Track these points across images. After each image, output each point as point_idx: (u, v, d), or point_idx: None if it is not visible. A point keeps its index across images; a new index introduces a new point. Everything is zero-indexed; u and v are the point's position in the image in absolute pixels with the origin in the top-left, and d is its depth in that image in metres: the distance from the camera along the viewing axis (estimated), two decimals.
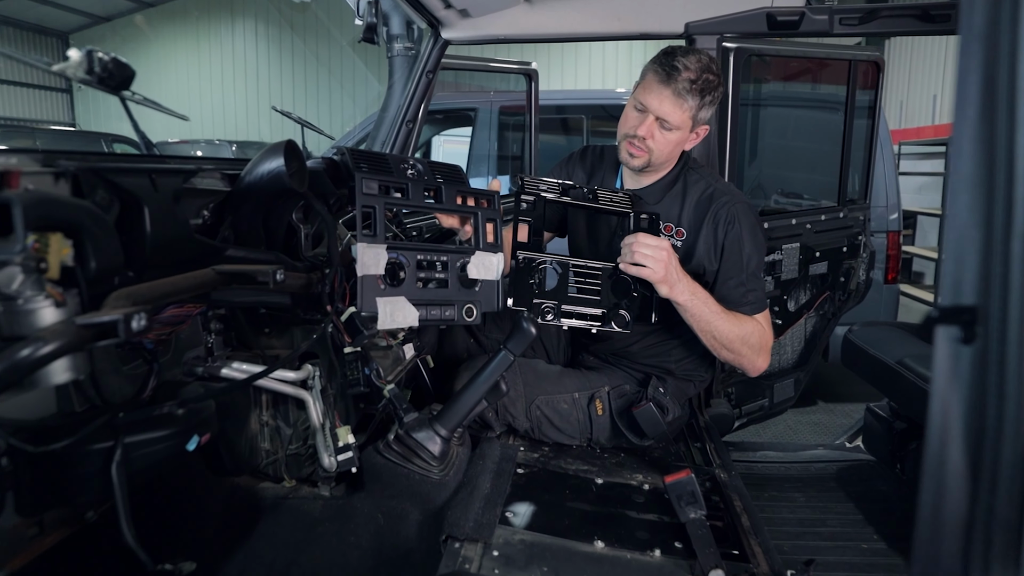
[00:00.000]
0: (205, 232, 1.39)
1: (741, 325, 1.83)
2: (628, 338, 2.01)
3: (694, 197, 1.94)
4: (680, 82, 1.77)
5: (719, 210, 1.88)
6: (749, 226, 1.89)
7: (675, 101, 1.79)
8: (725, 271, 1.89)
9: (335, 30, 16.05)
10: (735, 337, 1.82)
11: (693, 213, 1.93)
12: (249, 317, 1.55)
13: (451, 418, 1.63)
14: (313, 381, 1.54)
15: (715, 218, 1.89)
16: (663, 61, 1.80)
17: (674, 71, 1.77)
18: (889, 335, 2.31)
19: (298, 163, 1.39)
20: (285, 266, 1.41)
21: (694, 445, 2.14)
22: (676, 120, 1.81)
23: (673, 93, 1.78)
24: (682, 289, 1.74)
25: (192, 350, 1.41)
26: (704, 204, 1.92)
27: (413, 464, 1.60)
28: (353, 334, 1.43)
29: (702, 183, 1.96)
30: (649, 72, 1.83)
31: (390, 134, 2.50)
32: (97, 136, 11.15)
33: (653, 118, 1.82)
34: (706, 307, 1.78)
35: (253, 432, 1.56)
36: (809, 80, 5.09)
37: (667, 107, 1.80)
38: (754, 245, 1.90)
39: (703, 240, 1.90)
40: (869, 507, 2.18)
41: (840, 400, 4.98)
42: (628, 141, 1.88)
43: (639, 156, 1.88)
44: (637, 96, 1.85)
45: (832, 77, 4.99)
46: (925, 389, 1.93)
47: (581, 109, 5.52)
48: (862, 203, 3.07)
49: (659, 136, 1.84)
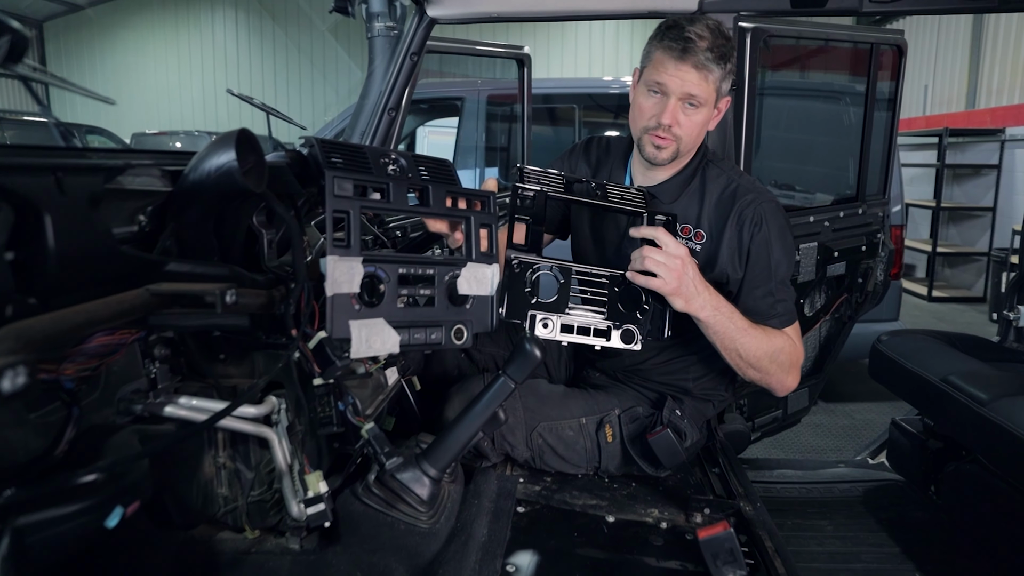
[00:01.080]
0: (142, 242, 1.14)
1: (770, 341, 1.61)
2: (640, 354, 1.78)
3: (714, 194, 1.72)
4: (699, 52, 1.57)
5: (744, 210, 1.66)
6: (778, 228, 1.67)
7: (698, 75, 1.59)
8: (751, 279, 1.67)
9: (316, 17, 15.67)
10: (763, 355, 1.60)
11: (714, 212, 1.70)
12: (201, 341, 1.30)
13: (442, 456, 1.39)
14: (278, 416, 1.30)
15: (740, 219, 1.66)
16: (673, 35, 1.59)
17: (689, 42, 1.56)
18: (925, 346, 2.10)
19: (254, 157, 1.15)
20: (240, 282, 1.17)
21: (712, 471, 1.92)
22: (703, 95, 1.61)
23: (694, 66, 1.58)
24: (702, 303, 1.51)
25: (128, 384, 1.16)
26: (727, 202, 1.69)
27: (398, 510, 1.36)
28: (323, 364, 1.19)
29: (723, 178, 1.73)
30: (657, 50, 1.62)
31: (370, 124, 2.25)
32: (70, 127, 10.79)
33: (675, 100, 1.61)
34: (731, 322, 1.55)
35: (207, 477, 1.32)
36: (798, 68, 4.90)
37: (691, 83, 1.59)
38: (783, 250, 1.68)
39: (726, 244, 1.67)
40: (905, 537, 1.97)
41: (839, 400, 4.82)
42: (652, 133, 1.65)
43: (667, 146, 1.66)
44: (651, 79, 1.63)
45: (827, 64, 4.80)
46: (976, 411, 1.72)
47: (573, 98, 5.28)
48: (880, 198, 2.85)
49: (685, 119, 1.63)
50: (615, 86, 5.50)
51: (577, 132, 5.29)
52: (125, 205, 1.07)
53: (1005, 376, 1.87)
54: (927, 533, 1.99)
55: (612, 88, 5.52)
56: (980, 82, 8.97)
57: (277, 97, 15.95)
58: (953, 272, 8.70)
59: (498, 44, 3.38)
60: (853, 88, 4.46)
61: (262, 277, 1.27)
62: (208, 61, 16.66)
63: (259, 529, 1.37)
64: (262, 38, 16.34)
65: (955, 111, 9.45)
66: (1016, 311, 2.30)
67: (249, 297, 1.15)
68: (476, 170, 5.36)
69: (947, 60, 9.71)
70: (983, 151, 8.17)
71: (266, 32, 16.32)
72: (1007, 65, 8.40)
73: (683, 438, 1.70)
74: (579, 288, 1.53)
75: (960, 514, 2.03)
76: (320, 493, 1.23)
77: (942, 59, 9.81)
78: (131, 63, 16.63)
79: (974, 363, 1.97)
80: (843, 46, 3.22)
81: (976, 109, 8.92)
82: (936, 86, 10.01)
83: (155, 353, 1.22)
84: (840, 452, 4.03)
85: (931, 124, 9.45)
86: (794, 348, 1.67)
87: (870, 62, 2.56)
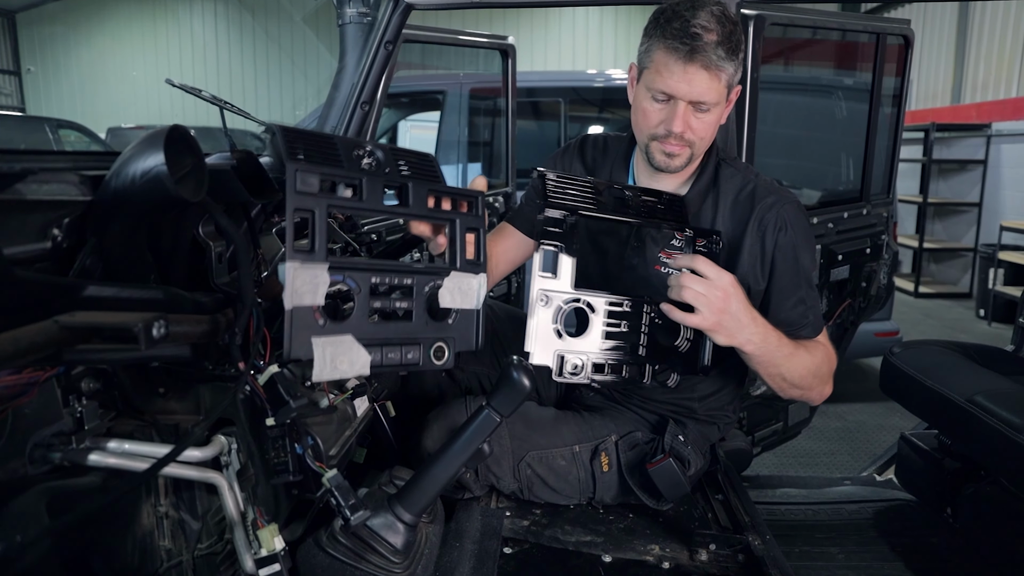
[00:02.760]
0: (58, 260, 0.96)
1: (812, 357, 1.47)
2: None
3: (730, 196, 1.56)
4: (709, 51, 1.37)
5: (765, 214, 1.50)
6: (803, 231, 1.52)
7: (709, 76, 1.39)
8: (780, 289, 1.51)
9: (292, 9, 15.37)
10: (808, 373, 1.46)
11: (731, 216, 1.55)
12: (137, 373, 1.12)
13: (418, 499, 1.22)
14: (228, 458, 1.12)
15: (761, 224, 1.50)
16: (677, 33, 1.38)
17: (696, 40, 1.36)
18: (943, 361, 1.95)
19: (191, 160, 0.97)
20: (177, 307, 0.99)
21: (715, 497, 1.76)
22: (715, 97, 1.42)
23: (704, 67, 1.38)
24: (748, 336, 1.35)
25: (44, 429, 0.98)
26: (744, 205, 1.53)
27: (368, 562, 1.19)
28: (276, 405, 1.01)
29: (738, 178, 1.58)
30: (659, 51, 1.42)
31: (342, 118, 2.07)
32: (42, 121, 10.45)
33: (685, 105, 1.43)
34: (779, 350, 1.40)
35: (146, 529, 1.14)
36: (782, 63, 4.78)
37: (701, 87, 1.40)
38: (810, 254, 1.54)
39: (747, 251, 1.51)
40: (922, 565, 1.83)
41: (830, 401, 4.69)
42: (661, 141, 1.48)
43: (680, 154, 1.49)
44: (655, 85, 1.44)
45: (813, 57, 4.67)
46: (1008, 436, 1.57)
47: (557, 92, 5.12)
48: (884, 197, 2.71)
49: (697, 123, 1.45)
50: (599, 79, 5.37)
51: (563, 126, 5.13)
52: (28, 218, 0.88)
53: None
54: (946, 562, 1.85)
55: (596, 82, 5.38)
56: (966, 77, 8.91)
57: (257, 90, 15.66)
58: (939, 268, 8.66)
59: (481, 34, 3.21)
60: (842, 82, 4.35)
61: (208, 298, 1.09)
62: (187, 53, 16.29)
63: None
64: (241, 30, 16.00)
65: (941, 106, 9.40)
66: None
67: (187, 325, 0.97)
68: (459, 165, 5.20)
69: (933, 54, 9.65)
70: (969, 146, 8.12)
71: (245, 24, 15.98)
72: (992, 60, 8.33)
73: (687, 467, 1.54)
74: (607, 320, 1.36)
75: (980, 539, 1.89)
76: (275, 551, 1.06)
77: (928, 53, 9.75)
78: (107, 55, 16.24)
79: (998, 380, 1.83)
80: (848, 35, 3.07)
81: (962, 104, 8.87)
82: (922, 80, 9.95)
83: (82, 388, 1.04)
84: (834, 456, 3.92)
85: (917, 119, 9.39)
86: (829, 356, 1.54)
87: (876, 53, 2.41)
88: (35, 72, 16.76)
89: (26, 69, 16.83)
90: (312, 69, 15.34)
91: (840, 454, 3.97)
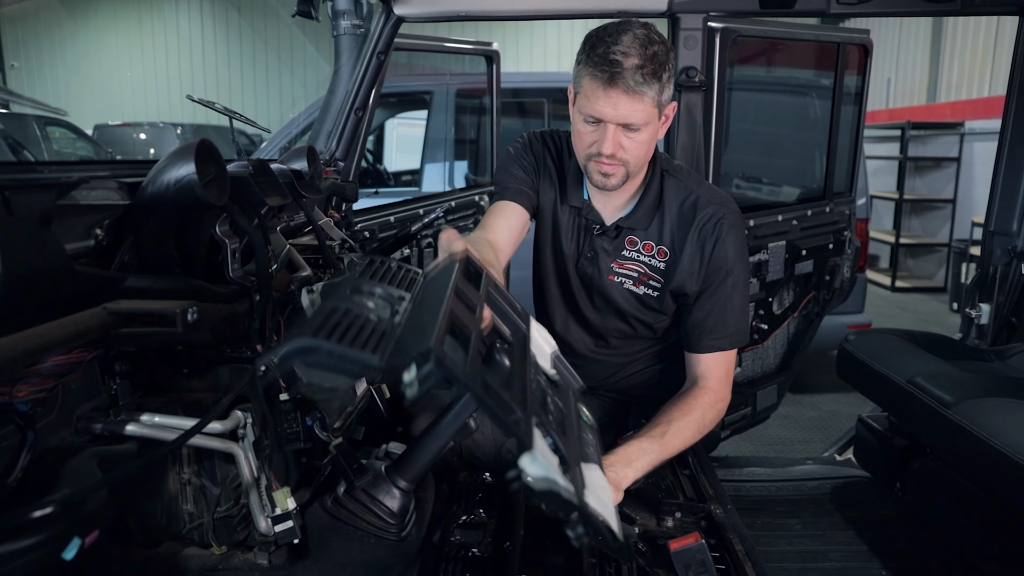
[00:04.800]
0: (99, 256, 1.10)
1: (694, 421, 1.58)
2: (610, 366, 1.78)
3: (674, 207, 1.67)
4: (627, 75, 1.42)
5: (705, 224, 1.63)
6: (737, 240, 1.64)
7: (631, 99, 1.44)
8: (708, 296, 1.65)
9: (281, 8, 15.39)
10: (694, 436, 1.59)
11: (675, 227, 1.66)
12: (164, 356, 1.26)
13: (411, 467, 1.37)
14: (244, 431, 1.27)
15: (701, 232, 1.63)
16: (596, 60, 1.44)
17: (615, 66, 1.42)
18: (891, 346, 2.13)
19: (215, 168, 1.12)
20: (202, 297, 1.14)
21: (682, 472, 1.92)
22: (641, 118, 1.47)
23: (624, 91, 1.43)
24: (634, 473, 1.45)
25: (87, 403, 1.13)
26: (687, 215, 1.65)
27: (367, 523, 1.34)
28: (289, 380, 1.16)
29: (682, 189, 1.67)
30: (585, 77, 1.48)
31: (337, 123, 2.22)
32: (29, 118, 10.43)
33: (614, 127, 1.48)
34: (663, 452, 1.52)
35: (172, 494, 1.28)
36: (764, 63, 4.94)
37: (625, 110, 1.45)
38: (743, 265, 1.66)
39: (687, 258, 1.65)
40: (872, 534, 2.01)
41: (805, 391, 4.89)
42: (596, 160, 1.54)
43: (614, 173, 1.55)
44: (582, 109, 1.50)
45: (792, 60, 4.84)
46: (941, 413, 1.75)
47: (541, 92, 5.27)
48: (847, 196, 2.89)
49: (628, 143, 1.51)
50: None
51: (547, 125, 5.28)
52: (79, 220, 1.03)
53: (969, 378, 1.90)
54: (893, 530, 2.03)
55: None
56: (940, 77, 9.14)
57: (244, 89, 15.67)
58: (916, 262, 8.88)
59: (467, 40, 3.35)
60: (819, 82, 4.52)
61: (225, 289, 1.24)
62: (172, 51, 16.26)
63: (226, 545, 1.34)
64: (228, 29, 15.99)
65: (917, 104, 9.62)
66: (977, 309, 2.35)
67: (212, 312, 1.12)
68: (445, 163, 5.34)
69: (909, 54, 9.87)
70: (943, 144, 8.34)
71: (231, 22, 15.97)
72: (966, 61, 8.56)
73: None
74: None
75: (925, 510, 2.07)
76: (288, 510, 1.21)
77: (904, 53, 9.97)
78: (92, 52, 16.17)
79: (939, 364, 2.00)
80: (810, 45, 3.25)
81: (937, 103, 9.09)
82: (899, 79, 10.18)
83: (116, 369, 1.19)
84: (807, 444, 4.09)
85: (894, 117, 9.62)
86: (715, 399, 1.63)
87: (837, 62, 2.59)
88: (19, 68, 16.66)
89: (10, 65, 16.73)
90: (299, 67, 15.40)
91: (813, 441, 4.14)
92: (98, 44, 16.19)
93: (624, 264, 1.71)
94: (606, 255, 1.68)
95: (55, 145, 9.49)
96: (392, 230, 2.42)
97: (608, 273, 1.71)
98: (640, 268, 1.71)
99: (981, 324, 2.34)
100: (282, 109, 14.87)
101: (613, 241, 1.71)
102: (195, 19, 16.12)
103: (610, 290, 1.72)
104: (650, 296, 1.72)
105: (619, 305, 1.74)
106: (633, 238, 1.70)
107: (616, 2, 2.09)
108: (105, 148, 10.42)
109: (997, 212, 2.31)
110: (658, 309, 1.73)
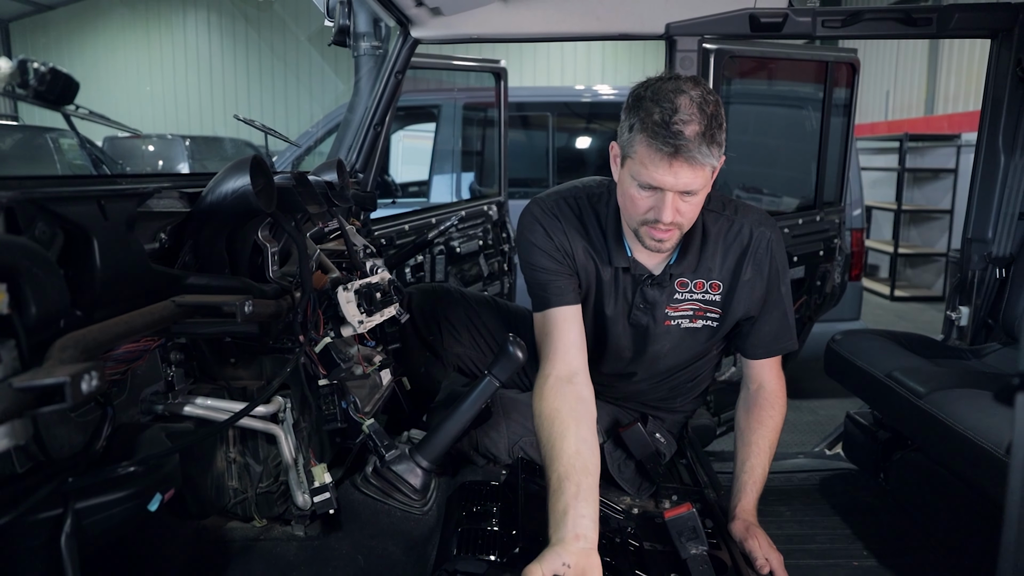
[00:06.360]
0: (162, 257, 1.26)
1: (774, 432, 1.77)
2: (639, 384, 1.89)
3: (719, 240, 1.66)
4: (692, 148, 1.35)
5: (757, 249, 1.65)
6: (782, 250, 1.72)
7: (694, 169, 1.39)
8: (770, 307, 1.73)
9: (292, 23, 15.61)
10: (777, 436, 1.79)
11: (724, 259, 1.67)
12: (213, 346, 1.42)
13: (432, 449, 1.53)
14: (284, 414, 1.42)
15: (755, 258, 1.65)
16: (655, 130, 1.36)
17: (679, 137, 1.35)
18: (874, 344, 2.28)
19: (264, 180, 1.27)
20: (253, 293, 1.30)
21: (680, 462, 2.07)
22: (701, 184, 1.43)
23: (687, 161, 1.37)
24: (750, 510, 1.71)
25: (150, 386, 1.28)
26: (737, 247, 1.66)
27: (394, 499, 1.50)
28: (329, 367, 1.32)
29: (723, 221, 1.66)
30: (641, 145, 1.40)
31: (356, 138, 2.38)
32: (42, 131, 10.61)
33: (673, 195, 1.43)
34: (764, 479, 1.74)
35: (219, 471, 1.44)
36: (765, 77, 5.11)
37: (686, 179, 1.40)
38: (786, 267, 1.75)
39: (747, 287, 1.67)
40: (856, 520, 2.15)
41: (802, 396, 4.98)
42: (650, 227, 1.50)
43: (669, 238, 1.51)
44: (638, 176, 1.44)
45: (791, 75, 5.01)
46: (915, 403, 1.89)
47: (547, 106, 5.44)
48: (837, 205, 3.04)
49: (685, 207, 1.46)
50: (587, 95, 5.69)
51: (551, 138, 5.43)
52: (150, 225, 1.19)
53: (942, 371, 2.05)
54: (876, 516, 2.17)
55: (584, 97, 5.70)
56: (938, 89, 9.28)
57: (251, 101, 15.86)
58: (914, 272, 9.00)
59: (475, 58, 3.52)
60: (816, 96, 4.67)
61: (268, 287, 1.39)
62: (180, 64, 16.50)
63: (266, 518, 1.49)
64: (235, 40, 16.23)
65: (915, 116, 9.76)
66: (957, 311, 2.49)
67: (261, 307, 1.27)
68: (453, 175, 5.49)
69: (907, 67, 10.03)
70: (941, 155, 8.46)
71: (238, 34, 16.21)
72: (963, 74, 8.71)
73: (662, 458, 1.86)
74: None
75: (905, 497, 2.21)
76: (325, 483, 1.36)
77: (902, 67, 10.13)
78: (101, 65, 16.40)
79: (916, 360, 2.15)
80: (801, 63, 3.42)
81: (934, 115, 9.23)
82: (897, 92, 10.33)
83: (172, 358, 1.34)
84: (803, 446, 4.19)
85: (892, 129, 9.76)
86: (781, 396, 1.80)
87: (826, 80, 2.74)
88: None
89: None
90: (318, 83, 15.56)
91: (809, 444, 4.22)
92: (107, 58, 16.41)
93: (678, 307, 1.70)
94: (660, 303, 1.68)
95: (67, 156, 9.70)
96: (408, 237, 2.58)
97: (664, 319, 1.70)
98: (695, 305, 1.70)
99: (961, 325, 2.48)
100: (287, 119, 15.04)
101: (664, 289, 1.68)
102: (203, 32, 16.32)
103: (665, 336, 1.73)
104: (709, 327, 1.74)
105: (674, 345, 1.76)
106: (683, 280, 1.67)
107: (617, 25, 2.25)
108: (115, 160, 10.61)
109: (975, 220, 2.46)
110: (715, 337, 1.78)
